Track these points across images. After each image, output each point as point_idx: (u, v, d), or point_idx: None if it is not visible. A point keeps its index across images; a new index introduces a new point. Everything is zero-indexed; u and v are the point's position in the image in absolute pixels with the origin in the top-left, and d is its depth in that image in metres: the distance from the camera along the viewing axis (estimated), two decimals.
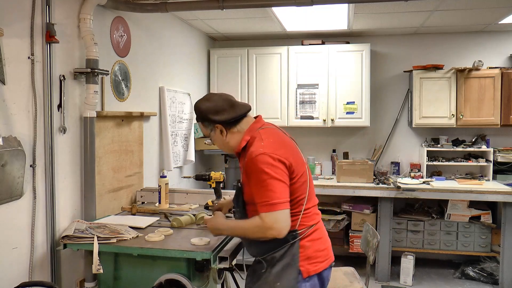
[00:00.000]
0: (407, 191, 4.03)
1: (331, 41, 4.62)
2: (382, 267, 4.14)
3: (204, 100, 2.01)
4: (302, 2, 2.61)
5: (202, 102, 2.01)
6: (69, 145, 2.44)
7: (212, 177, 2.85)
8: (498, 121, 4.26)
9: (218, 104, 1.96)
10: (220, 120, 1.95)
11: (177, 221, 2.49)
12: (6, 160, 1.97)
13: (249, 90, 4.70)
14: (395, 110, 4.80)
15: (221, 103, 1.97)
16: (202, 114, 1.98)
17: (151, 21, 3.42)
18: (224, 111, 1.96)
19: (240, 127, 1.98)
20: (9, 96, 2.03)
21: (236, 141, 1.98)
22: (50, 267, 2.28)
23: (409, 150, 4.78)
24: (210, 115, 1.96)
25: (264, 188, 1.78)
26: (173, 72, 3.87)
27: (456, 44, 4.65)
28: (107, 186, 2.79)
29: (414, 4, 3.40)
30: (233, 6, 2.74)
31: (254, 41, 4.92)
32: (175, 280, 2.11)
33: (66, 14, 2.40)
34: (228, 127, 1.97)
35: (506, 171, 4.36)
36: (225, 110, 1.96)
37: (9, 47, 2.02)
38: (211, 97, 2.02)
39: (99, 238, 2.19)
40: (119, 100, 2.96)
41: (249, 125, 1.99)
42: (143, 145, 3.26)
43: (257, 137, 1.91)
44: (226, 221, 2.02)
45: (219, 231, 2.00)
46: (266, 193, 1.78)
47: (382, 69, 4.80)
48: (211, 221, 2.03)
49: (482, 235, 4.23)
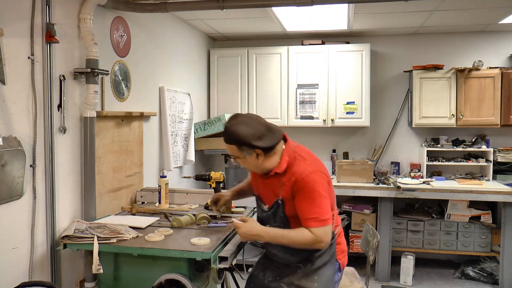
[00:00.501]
0: (407, 191, 4.03)
1: (331, 41, 4.62)
2: (382, 267, 4.14)
3: (240, 124, 1.98)
4: (302, 2, 2.61)
5: (239, 126, 1.97)
6: (69, 145, 2.44)
7: (212, 177, 2.85)
8: (498, 121, 4.26)
9: (258, 129, 1.98)
10: (262, 146, 1.97)
11: (177, 221, 2.49)
12: (6, 160, 1.97)
13: (249, 90, 4.70)
14: (395, 110, 4.80)
15: (259, 128, 1.99)
16: (242, 139, 1.96)
17: (151, 21, 3.42)
18: (264, 136, 1.98)
19: (276, 150, 2.04)
20: (9, 96, 2.03)
21: (272, 163, 2.04)
22: (50, 267, 2.28)
23: (409, 150, 4.78)
24: (252, 141, 1.96)
25: (314, 205, 1.93)
26: (173, 72, 3.87)
27: (456, 44, 4.65)
28: (107, 186, 2.79)
29: (414, 4, 3.40)
30: (233, 6, 2.74)
31: (254, 41, 4.92)
32: (175, 280, 2.11)
33: (66, 14, 2.40)
34: (266, 152, 2.01)
35: (506, 171, 4.36)
36: (265, 136, 1.98)
37: (9, 47, 2.02)
38: (247, 121, 1.99)
39: (99, 238, 2.19)
40: (119, 100, 2.96)
41: (282, 145, 2.08)
42: (143, 145, 3.26)
43: (296, 156, 2.04)
44: (265, 228, 2.06)
45: (255, 237, 2.03)
46: (316, 209, 1.93)
47: (382, 69, 4.80)
48: (246, 227, 2.02)
49: (482, 235, 4.23)
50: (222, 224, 2.53)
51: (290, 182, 1.99)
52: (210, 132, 4.30)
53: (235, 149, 2.01)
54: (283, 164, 2.03)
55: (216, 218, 2.66)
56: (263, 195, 2.19)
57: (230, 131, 1.99)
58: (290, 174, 2.00)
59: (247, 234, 2.02)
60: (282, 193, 2.04)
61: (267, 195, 2.14)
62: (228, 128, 2.00)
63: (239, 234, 2.04)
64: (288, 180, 2.00)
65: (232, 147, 2.02)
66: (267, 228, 2.06)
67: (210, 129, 4.30)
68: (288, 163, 2.03)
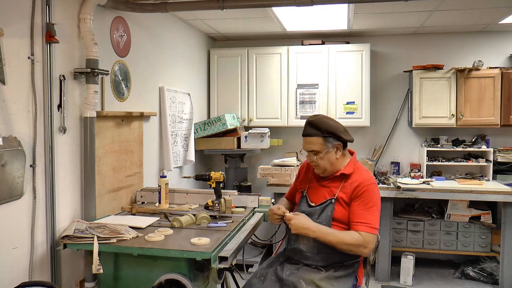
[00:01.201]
0: (407, 191, 4.03)
1: (331, 41, 4.62)
2: (382, 267, 4.14)
3: (325, 118, 2.20)
4: (302, 2, 2.61)
5: (326, 119, 2.19)
6: (69, 145, 2.44)
7: (212, 177, 2.85)
8: (498, 121, 4.26)
9: (340, 125, 2.22)
10: (345, 139, 2.20)
11: (177, 221, 2.49)
12: (6, 160, 1.97)
13: (249, 90, 4.70)
14: (395, 110, 4.80)
15: (341, 125, 2.22)
16: (332, 130, 2.16)
17: (151, 21, 3.42)
18: (346, 132, 2.22)
19: (346, 152, 2.28)
20: (9, 96, 2.03)
21: (342, 163, 2.24)
22: (50, 267, 2.28)
23: (409, 150, 4.78)
24: (339, 133, 2.17)
25: (369, 212, 2.08)
26: (173, 72, 3.87)
27: (456, 44, 4.65)
28: (107, 186, 2.79)
29: (414, 4, 3.41)
30: (233, 6, 2.74)
31: (254, 41, 4.92)
32: (175, 280, 2.11)
33: (66, 14, 2.40)
34: (343, 149, 2.23)
35: (506, 171, 4.36)
36: (347, 132, 2.23)
37: (9, 47, 2.02)
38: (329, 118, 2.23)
39: (99, 238, 2.19)
40: (119, 100, 2.96)
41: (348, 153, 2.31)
42: (143, 145, 3.26)
43: (359, 167, 2.25)
44: (316, 223, 2.13)
45: (306, 230, 2.10)
46: (369, 216, 2.08)
47: (382, 69, 4.80)
48: (299, 219, 2.12)
49: (482, 235, 4.23)
50: (222, 224, 2.53)
51: (352, 186, 2.15)
52: (210, 132, 4.30)
53: (320, 142, 2.16)
54: (350, 167, 2.22)
55: (216, 218, 2.66)
56: (313, 195, 2.30)
57: (320, 122, 2.16)
58: (354, 179, 2.17)
59: (299, 225, 2.10)
60: (340, 194, 2.17)
61: (320, 194, 2.26)
62: (317, 120, 2.16)
63: (291, 225, 2.12)
64: (351, 184, 2.16)
65: (317, 140, 2.16)
66: (318, 224, 2.13)
67: (210, 129, 4.30)
68: (354, 169, 2.22)
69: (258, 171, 4.27)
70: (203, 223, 2.55)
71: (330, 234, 2.08)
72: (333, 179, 2.24)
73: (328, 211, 2.16)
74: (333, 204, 2.16)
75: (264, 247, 4.51)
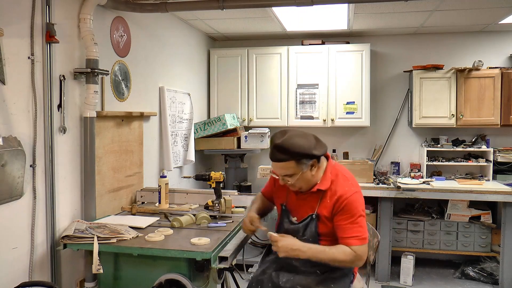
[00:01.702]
0: (407, 191, 4.03)
1: (331, 41, 4.62)
2: (382, 267, 4.14)
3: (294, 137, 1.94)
4: (302, 2, 2.61)
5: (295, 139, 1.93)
6: (69, 145, 2.44)
7: (212, 177, 2.85)
8: (498, 121, 4.26)
9: (309, 138, 1.98)
10: (319, 154, 1.99)
11: (177, 221, 2.49)
12: (6, 160, 1.97)
13: (249, 90, 4.70)
14: (395, 110, 4.80)
15: (310, 137, 1.99)
16: (303, 151, 1.93)
17: (151, 21, 3.42)
18: (317, 144, 2.00)
19: (321, 162, 2.06)
20: (9, 96, 2.03)
21: (317, 177, 2.04)
22: (50, 267, 2.28)
23: (409, 150, 4.78)
24: (312, 151, 1.95)
25: (356, 224, 1.96)
26: (173, 72, 3.87)
27: (456, 44, 4.64)
28: (107, 186, 2.79)
29: (414, 4, 3.40)
30: (233, 6, 2.74)
31: (254, 41, 4.92)
32: (175, 280, 2.11)
33: (66, 14, 2.40)
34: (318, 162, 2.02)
35: (506, 171, 4.36)
36: (318, 144, 2.00)
37: (9, 47, 2.02)
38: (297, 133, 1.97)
39: (99, 238, 2.19)
40: (119, 100, 2.96)
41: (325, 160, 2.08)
42: (143, 145, 3.26)
43: (338, 174, 2.06)
44: (305, 243, 1.99)
45: (295, 252, 1.95)
46: (358, 228, 1.96)
47: (382, 69, 4.80)
48: (286, 241, 1.97)
49: (482, 235, 4.23)
50: (222, 224, 2.53)
51: (332, 200, 2.01)
52: (210, 132, 4.30)
53: (293, 165, 1.94)
54: (327, 181, 2.04)
55: (216, 218, 2.66)
56: (293, 208, 2.15)
57: (289, 144, 1.92)
58: (333, 192, 2.02)
59: (287, 248, 1.95)
60: (320, 209, 2.04)
61: (300, 209, 2.11)
62: (285, 143, 1.92)
63: (278, 248, 1.96)
64: (331, 198, 2.01)
65: (289, 164, 1.94)
66: (307, 244, 2.00)
67: (210, 129, 4.30)
68: (331, 180, 2.04)
69: (258, 171, 4.27)
70: (203, 223, 2.55)
71: (321, 253, 1.96)
72: (310, 193, 2.07)
73: (312, 227, 2.04)
74: (315, 219, 2.04)
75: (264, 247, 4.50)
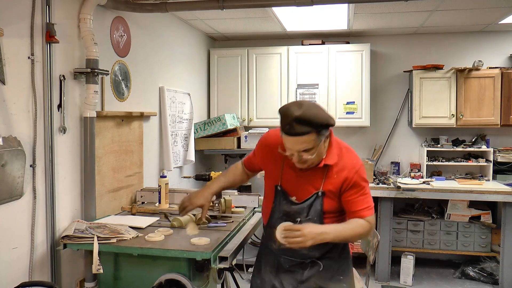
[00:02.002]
0: (407, 191, 4.03)
1: (331, 41, 4.62)
2: (382, 267, 4.14)
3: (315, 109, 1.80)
4: (302, 2, 2.61)
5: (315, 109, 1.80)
6: (69, 145, 2.44)
7: (212, 177, 2.85)
8: (498, 121, 4.26)
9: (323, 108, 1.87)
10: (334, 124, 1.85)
11: (177, 221, 2.49)
12: (6, 160, 1.97)
13: (249, 90, 4.70)
14: (395, 110, 4.80)
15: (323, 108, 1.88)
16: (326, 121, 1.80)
17: (151, 21, 3.42)
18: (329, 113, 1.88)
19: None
20: (9, 96, 2.03)
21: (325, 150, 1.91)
22: (50, 267, 2.28)
23: (409, 150, 4.78)
24: (330, 121, 1.82)
25: (366, 195, 1.94)
26: (173, 72, 3.87)
27: (456, 44, 4.65)
28: (107, 186, 2.79)
29: (414, 4, 3.40)
30: (233, 6, 2.74)
31: (254, 41, 4.92)
32: (175, 280, 2.11)
33: (66, 14, 2.40)
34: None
35: (506, 171, 4.36)
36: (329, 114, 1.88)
37: (9, 47, 2.02)
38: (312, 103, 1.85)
39: (99, 238, 2.19)
40: (119, 100, 2.96)
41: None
42: (143, 145, 3.26)
43: (342, 148, 1.98)
44: (324, 225, 1.90)
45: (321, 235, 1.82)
46: (367, 199, 1.94)
47: (382, 69, 4.80)
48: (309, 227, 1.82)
49: (482, 235, 4.23)
50: (222, 224, 2.53)
51: (340, 176, 1.91)
52: (210, 132, 4.30)
53: (314, 137, 1.78)
54: (333, 155, 1.92)
55: (216, 218, 2.66)
56: (291, 188, 1.99)
57: (311, 115, 1.76)
58: (340, 168, 1.92)
59: (314, 234, 1.79)
60: (326, 185, 1.92)
61: (300, 188, 1.96)
62: (307, 114, 1.75)
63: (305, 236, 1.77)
64: (337, 173, 1.91)
65: (310, 137, 1.77)
66: (326, 225, 1.90)
67: (210, 129, 4.30)
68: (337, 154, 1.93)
69: None
70: (203, 223, 2.55)
71: (343, 231, 1.89)
72: (314, 169, 1.92)
73: (317, 206, 1.93)
74: (321, 197, 1.92)
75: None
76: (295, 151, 1.82)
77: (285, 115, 1.77)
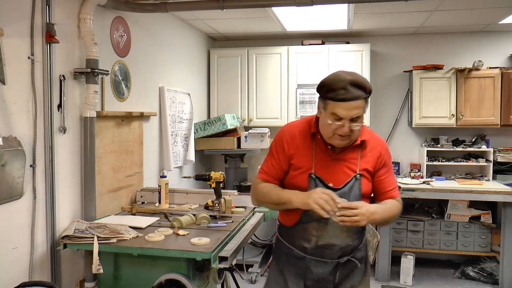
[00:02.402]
0: (407, 191, 4.03)
1: (331, 41, 4.62)
2: (382, 267, 4.14)
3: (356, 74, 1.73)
4: (302, 2, 2.61)
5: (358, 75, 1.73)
6: (69, 145, 2.44)
7: (212, 177, 2.85)
8: (498, 121, 4.27)
9: None
10: None
11: (177, 221, 2.49)
12: (6, 160, 1.97)
13: (249, 90, 4.70)
14: (395, 110, 4.80)
15: None
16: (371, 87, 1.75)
17: (151, 21, 3.42)
18: None
19: None
20: (9, 96, 2.03)
21: None
22: (50, 267, 2.28)
23: (409, 150, 4.78)
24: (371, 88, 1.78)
25: (393, 175, 1.92)
26: (173, 72, 3.87)
27: (456, 44, 4.65)
28: (107, 186, 2.79)
29: (414, 4, 3.40)
30: (233, 6, 2.74)
31: (254, 41, 4.92)
32: (175, 280, 2.11)
33: (66, 14, 2.40)
34: None
35: (506, 171, 4.36)
36: None
37: (9, 47, 2.02)
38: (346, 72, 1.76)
39: (99, 238, 2.19)
40: (119, 100, 2.96)
41: None
42: (143, 145, 3.26)
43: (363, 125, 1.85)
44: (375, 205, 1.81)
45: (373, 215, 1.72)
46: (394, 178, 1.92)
47: (382, 69, 4.80)
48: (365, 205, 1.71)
49: (482, 235, 4.23)
50: (222, 224, 2.53)
51: (374, 154, 1.85)
52: (210, 132, 4.30)
53: (363, 104, 1.73)
54: (365, 131, 1.85)
55: (216, 218, 2.66)
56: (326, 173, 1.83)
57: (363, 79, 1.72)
58: (372, 145, 1.86)
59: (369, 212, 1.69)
60: (362, 165, 1.83)
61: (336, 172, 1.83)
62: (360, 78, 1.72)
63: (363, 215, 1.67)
64: (371, 151, 1.85)
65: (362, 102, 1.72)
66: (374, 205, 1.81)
67: (210, 129, 4.30)
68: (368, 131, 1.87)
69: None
70: (203, 223, 2.55)
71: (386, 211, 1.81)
72: (349, 149, 1.83)
73: (356, 190, 1.81)
74: (359, 180, 1.81)
75: (264, 247, 4.51)
76: (348, 118, 1.71)
77: (338, 80, 1.70)
